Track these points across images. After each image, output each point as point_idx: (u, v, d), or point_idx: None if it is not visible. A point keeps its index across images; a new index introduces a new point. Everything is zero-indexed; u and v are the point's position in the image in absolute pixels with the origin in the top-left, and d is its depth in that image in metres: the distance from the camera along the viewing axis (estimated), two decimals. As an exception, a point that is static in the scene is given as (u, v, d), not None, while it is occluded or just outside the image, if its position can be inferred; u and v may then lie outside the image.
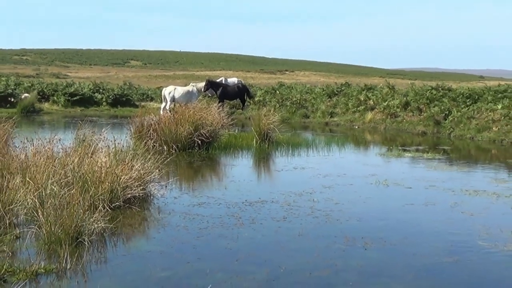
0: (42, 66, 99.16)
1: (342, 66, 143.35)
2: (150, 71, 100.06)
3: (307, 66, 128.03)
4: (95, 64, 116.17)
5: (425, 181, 12.87)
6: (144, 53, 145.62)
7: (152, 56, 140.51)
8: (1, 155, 10.51)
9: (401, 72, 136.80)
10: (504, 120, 21.56)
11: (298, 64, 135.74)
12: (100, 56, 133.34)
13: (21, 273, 6.62)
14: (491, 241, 8.37)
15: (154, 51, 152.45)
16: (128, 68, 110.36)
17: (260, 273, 6.98)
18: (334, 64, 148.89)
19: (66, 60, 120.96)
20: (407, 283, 6.79)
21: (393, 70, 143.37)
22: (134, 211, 9.61)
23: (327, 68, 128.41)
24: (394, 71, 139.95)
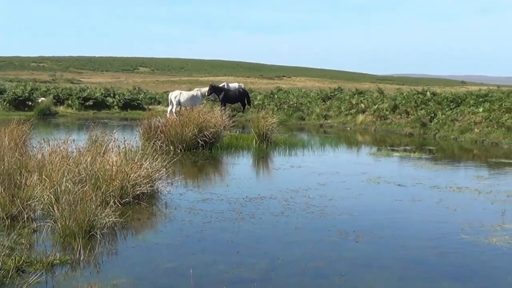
0: (58, 72, 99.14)
1: (335, 72, 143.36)
2: (158, 77, 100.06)
3: (303, 72, 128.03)
4: (106, 70, 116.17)
5: (412, 178, 12.87)
6: (152, 60, 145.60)
7: (159, 63, 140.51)
8: (19, 154, 10.52)
9: (389, 77, 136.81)
10: (485, 122, 21.58)
11: (294, 70, 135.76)
12: (111, 63, 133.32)
13: (38, 264, 6.62)
14: (473, 234, 8.37)
15: (161, 58, 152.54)
16: (137, 74, 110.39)
17: (259, 264, 6.98)
18: (327, 70, 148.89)
19: (80, 66, 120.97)
20: (395, 273, 6.79)
21: (382, 76, 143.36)
22: (143, 207, 9.61)
23: (322, 74, 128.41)
24: (383, 76, 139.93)
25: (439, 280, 6.60)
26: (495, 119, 21.22)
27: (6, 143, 11.31)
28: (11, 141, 11.69)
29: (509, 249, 7.76)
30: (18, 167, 9.52)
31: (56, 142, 10.81)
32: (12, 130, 12.57)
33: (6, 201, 8.39)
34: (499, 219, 9.26)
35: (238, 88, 29.04)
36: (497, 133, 20.35)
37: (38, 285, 6.03)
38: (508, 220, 9.19)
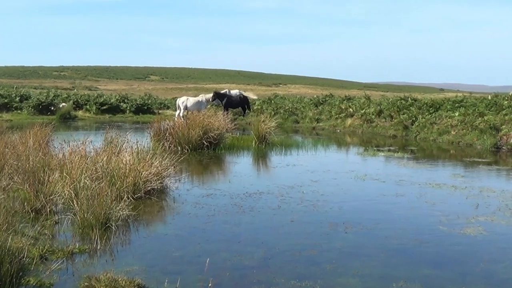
0: (77, 80, 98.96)
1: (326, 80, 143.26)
2: (167, 84, 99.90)
3: (297, 80, 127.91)
4: (121, 78, 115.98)
5: (395, 176, 12.88)
6: (161, 69, 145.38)
7: (168, 71, 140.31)
8: (43, 154, 10.53)
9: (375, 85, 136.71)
10: (461, 125, 21.59)
11: (290, 78, 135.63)
12: (125, 72, 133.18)
13: (59, 252, 6.63)
14: (450, 226, 8.39)
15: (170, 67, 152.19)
16: (148, 82, 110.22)
17: (258, 253, 6.99)
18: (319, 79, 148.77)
19: (97, 75, 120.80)
20: (380, 261, 6.80)
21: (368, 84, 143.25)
22: (153, 201, 9.61)
23: (314, 81, 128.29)
24: (369, 84, 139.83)
25: (419, 266, 6.62)
26: (469, 123, 21.23)
27: (31, 144, 11.33)
28: (35, 142, 11.71)
29: (482, 239, 7.78)
30: (42, 166, 9.52)
31: (76, 143, 10.80)
32: (36, 132, 12.58)
33: (31, 196, 8.40)
34: (473, 212, 9.28)
35: (239, 94, 29.01)
36: (471, 135, 20.36)
37: (60, 272, 6.04)
38: (481, 213, 9.21)
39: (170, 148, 15.59)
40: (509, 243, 7.65)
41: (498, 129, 19.74)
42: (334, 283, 6.00)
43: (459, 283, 6.03)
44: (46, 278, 5.77)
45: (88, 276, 5.74)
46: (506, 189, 11.38)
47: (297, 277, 6.08)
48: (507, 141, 18.78)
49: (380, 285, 5.98)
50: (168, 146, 15.96)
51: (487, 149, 18.61)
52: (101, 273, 5.76)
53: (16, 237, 6.16)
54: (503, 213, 9.27)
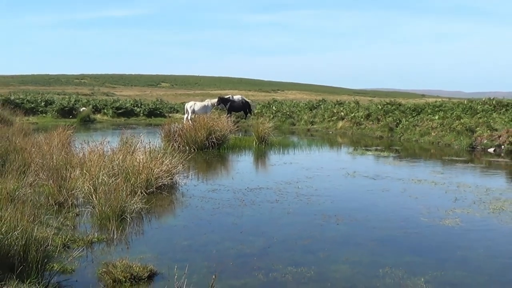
0: (96, 87, 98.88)
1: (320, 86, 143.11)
2: (176, 90, 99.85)
3: (294, 87, 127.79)
4: (135, 85, 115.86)
5: (382, 172, 12.88)
6: (171, 77, 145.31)
7: (178, 79, 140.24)
8: (65, 153, 10.55)
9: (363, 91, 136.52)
10: (440, 128, 21.58)
11: (287, 85, 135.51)
12: (138, 79, 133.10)
13: (80, 241, 6.64)
14: (431, 217, 8.39)
15: (179, 75, 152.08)
16: (160, 88, 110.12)
17: (258, 242, 6.99)
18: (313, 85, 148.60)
19: (113, 82, 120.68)
20: (368, 249, 6.80)
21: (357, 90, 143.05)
22: (164, 195, 9.62)
23: (309, 88, 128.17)
24: (358, 90, 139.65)
25: (403, 254, 6.62)
26: (448, 125, 21.22)
27: (54, 144, 11.34)
28: (59, 142, 11.72)
29: (459, 229, 7.78)
30: (64, 163, 9.53)
31: (94, 143, 10.81)
32: (59, 134, 12.58)
33: (54, 190, 8.41)
34: (451, 205, 9.28)
35: (241, 100, 28.99)
36: (449, 136, 20.35)
37: (80, 259, 6.05)
38: (458, 206, 9.21)
39: (179, 148, 15.59)
40: (483, 233, 7.65)
41: (473, 131, 19.76)
42: (327, 269, 6.00)
43: (438, 269, 6.03)
44: (68, 264, 5.77)
45: (105, 262, 5.75)
46: (480, 185, 11.37)
47: (294, 264, 6.08)
48: (481, 142, 18.79)
49: (368, 271, 5.98)
50: (177, 146, 15.96)
51: (463, 149, 18.61)
52: (117, 260, 5.76)
53: (42, 227, 6.16)
54: (478, 206, 9.27)
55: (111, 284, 5.38)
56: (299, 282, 5.59)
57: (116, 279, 5.42)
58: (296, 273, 5.82)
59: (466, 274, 5.96)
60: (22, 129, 16.63)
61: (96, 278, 5.55)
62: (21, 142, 11.99)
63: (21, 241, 5.10)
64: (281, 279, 5.65)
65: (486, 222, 8.21)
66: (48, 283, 5.07)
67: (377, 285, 5.55)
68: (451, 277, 5.82)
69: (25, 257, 5.06)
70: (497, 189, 10.88)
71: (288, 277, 5.71)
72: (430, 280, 5.68)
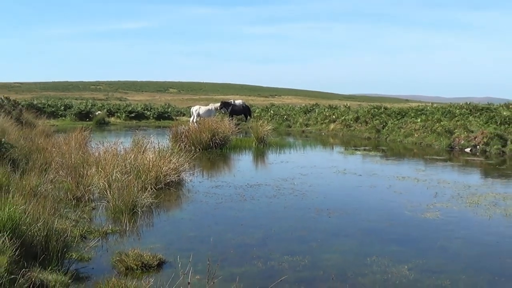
0: (110, 93, 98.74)
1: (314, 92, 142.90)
2: (183, 95, 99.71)
3: (290, 92, 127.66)
4: (145, 91, 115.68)
5: (369, 170, 12.89)
6: (178, 83, 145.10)
7: (184, 85, 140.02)
8: (82, 152, 10.56)
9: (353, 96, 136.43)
10: (422, 129, 21.59)
11: (283, 91, 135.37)
12: (148, 85, 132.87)
13: (96, 232, 6.65)
14: (413, 211, 8.40)
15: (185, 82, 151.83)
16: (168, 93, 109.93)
17: (257, 233, 7.00)
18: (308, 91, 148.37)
19: (126, 88, 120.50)
20: (357, 240, 6.81)
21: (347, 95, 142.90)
22: (172, 191, 9.63)
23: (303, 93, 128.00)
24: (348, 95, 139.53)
25: (388, 244, 6.63)
26: (429, 127, 21.23)
27: (73, 144, 11.36)
28: (76, 143, 11.73)
29: (439, 222, 7.79)
30: (81, 162, 9.55)
31: (109, 144, 10.83)
32: (77, 135, 12.60)
33: (73, 186, 8.43)
34: (432, 200, 9.29)
35: (242, 104, 28.98)
36: (430, 137, 20.36)
37: (96, 248, 6.06)
38: (438, 201, 9.22)
39: (185, 148, 15.56)
40: (460, 225, 7.66)
41: (452, 133, 19.75)
42: (319, 258, 6.01)
43: (420, 257, 6.04)
44: (85, 253, 5.79)
45: (119, 252, 5.76)
46: (458, 181, 11.39)
47: (290, 253, 6.09)
48: (459, 142, 18.80)
49: (357, 259, 5.99)
50: (184, 146, 15.93)
51: (443, 149, 18.62)
52: (129, 249, 5.77)
53: (61, 220, 6.17)
54: (456, 200, 9.28)
55: (124, 271, 5.39)
56: (295, 269, 5.60)
57: (128, 267, 5.44)
58: (292, 261, 5.84)
59: (445, 261, 5.97)
60: (44, 131, 16.67)
61: (110, 266, 5.56)
62: (43, 142, 12.01)
63: (43, 232, 5.11)
64: (278, 267, 5.66)
65: (463, 215, 8.23)
66: (67, 270, 5.08)
67: (365, 272, 5.56)
68: (432, 265, 5.84)
69: (47, 247, 5.07)
70: (473, 185, 10.90)
71: (285, 265, 5.72)
72: (413, 267, 5.70)
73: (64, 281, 4.72)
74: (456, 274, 5.56)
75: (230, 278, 5.17)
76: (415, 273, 5.52)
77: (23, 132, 14.42)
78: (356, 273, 5.53)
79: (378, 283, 5.24)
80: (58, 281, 4.64)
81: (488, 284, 5.31)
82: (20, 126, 16.30)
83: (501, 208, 8.70)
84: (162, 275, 5.30)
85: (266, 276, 5.35)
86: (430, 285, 5.22)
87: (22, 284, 4.09)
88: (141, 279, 5.07)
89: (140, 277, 5.20)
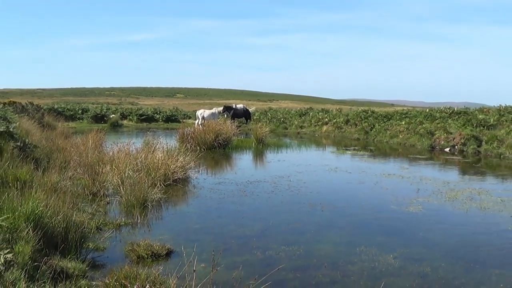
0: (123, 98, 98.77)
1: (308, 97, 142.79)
2: (189, 100, 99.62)
3: (286, 97, 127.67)
4: (154, 96, 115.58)
5: (359, 168, 12.91)
6: (185, 89, 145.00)
7: (190, 91, 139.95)
8: (98, 152, 10.56)
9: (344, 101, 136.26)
10: (406, 131, 21.61)
11: (281, 96, 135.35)
12: (158, 91, 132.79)
13: (110, 224, 6.66)
14: (398, 205, 8.42)
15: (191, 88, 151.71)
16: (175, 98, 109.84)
17: (257, 225, 7.01)
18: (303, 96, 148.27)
19: (137, 93, 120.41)
20: (347, 231, 6.83)
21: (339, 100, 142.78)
22: (179, 187, 9.63)
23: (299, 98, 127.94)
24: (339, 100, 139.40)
25: (376, 235, 6.64)
26: (413, 129, 21.26)
27: (89, 145, 11.37)
28: (93, 143, 11.74)
29: (421, 214, 7.81)
30: (97, 161, 9.55)
31: (122, 144, 10.83)
32: (93, 136, 12.60)
33: (89, 183, 8.43)
34: (415, 195, 9.31)
35: (243, 108, 28.97)
36: (413, 138, 20.39)
37: (110, 239, 6.07)
38: (420, 196, 9.24)
39: (191, 148, 15.57)
40: (440, 218, 7.68)
41: (433, 134, 19.79)
42: (313, 248, 6.03)
43: (404, 247, 6.06)
44: (100, 243, 5.80)
45: (131, 242, 5.77)
46: (438, 178, 11.41)
47: (286, 243, 6.11)
48: (439, 143, 18.84)
49: (347, 249, 6.01)
50: (190, 146, 15.91)
51: (425, 149, 18.65)
52: (140, 240, 5.78)
53: (79, 213, 6.18)
54: (436, 195, 9.30)
55: (136, 259, 5.40)
56: (290, 258, 5.61)
57: (139, 256, 5.45)
58: (288, 251, 5.85)
59: (426, 251, 5.99)
60: (63, 133, 16.67)
61: (123, 255, 5.57)
62: (62, 143, 12.02)
63: (63, 224, 5.12)
64: (275, 256, 5.67)
65: (442, 209, 8.25)
66: (84, 258, 5.10)
67: (355, 260, 5.58)
68: (415, 254, 5.86)
69: (66, 237, 5.09)
70: (451, 182, 10.92)
71: (282, 254, 5.73)
72: (398, 256, 5.72)
73: (82, 268, 4.74)
74: (436, 261, 5.58)
75: (232, 266, 5.18)
76: (400, 261, 5.54)
77: (45, 133, 14.43)
78: (347, 261, 5.55)
79: (366, 271, 5.26)
80: (77, 268, 4.65)
81: (464, 271, 5.33)
82: (42, 128, 16.31)
83: (477, 202, 8.73)
84: (170, 263, 5.31)
85: (265, 264, 5.36)
86: (413, 272, 5.24)
87: (44, 271, 4.10)
88: (151, 267, 5.08)
89: (150, 265, 5.21)
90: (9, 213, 4.57)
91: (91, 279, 4.65)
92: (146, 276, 4.24)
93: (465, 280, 5.05)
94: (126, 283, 3.99)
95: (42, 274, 4.06)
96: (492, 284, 4.99)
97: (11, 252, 3.86)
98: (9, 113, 10.57)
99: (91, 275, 4.80)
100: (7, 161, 6.50)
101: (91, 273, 4.91)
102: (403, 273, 5.21)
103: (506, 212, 8.00)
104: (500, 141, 17.02)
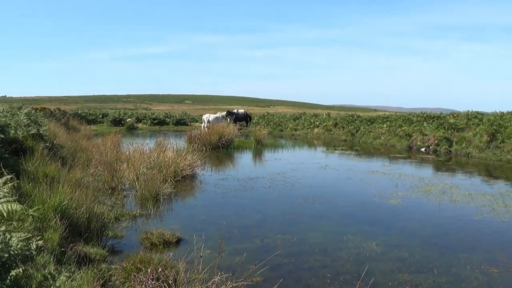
0: (138, 103, 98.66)
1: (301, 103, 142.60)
2: (196, 106, 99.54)
3: (282, 103, 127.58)
4: (165, 102, 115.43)
5: (346, 166, 12.92)
6: (192, 96, 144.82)
7: (198, 97, 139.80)
8: (116, 151, 10.56)
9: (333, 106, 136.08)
10: (387, 133, 21.65)
11: (277, 102, 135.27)
12: (168, 97, 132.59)
13: (127, 215, 6.66)
14: (380, 198, 8.44)
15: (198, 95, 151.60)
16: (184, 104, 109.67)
17: (256, 217, 7.02)
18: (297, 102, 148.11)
19: (151, 100, 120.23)
20: (336, 221, 6.84)
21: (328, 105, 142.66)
22: (187, 183, 9.64)
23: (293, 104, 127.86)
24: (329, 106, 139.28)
25: (361, 224, 6.66)
26: (393, 131, 21.30)
27: (108, 145, 11.37)
28: (111, 144, 11.74)
29: (400, 206, 7.82)
30: (115, 159, 9.56)
31: (137, 145, 10.84)
32: (112, 138, 12.61)
33: (108, 179, 8.44)
34: (395, 189, 9.33)
35: (244, 112, 28.97)
36: (394, 139, 20.42)
37: (127, 228, 6.08)
38: (400, 190, 9.25)
39: (198, 148, 15.59)
40: (417, 209, 7.70)
41: (410, 136, 19.84)
42: (306, 236, 6.04)
43: (385, 235, 6.08)
44: (118, 232, 5.81)
45: (145, 231, 5.78)
46: (415, 174, 11.44)
47: (282, 233, 6.12)
48: (416, 143, 18.89)
49: (336, 237, 6.02)
50: (197, 146, 15.95)
51: (403, 149, 18.68)
52: (153, 229, 5.79)
53: (100, 205, 6.20)
54: (413, 190, 9.32)
55: (149, 246, 5.41)
56: (286, 245, 5.63)
57: (153, 243, 5.46)
58: (284, 239, 5.86)
59: (404, 238, 6.01)
60: (86, 135, 16.67)
61: (138, 242, 5.58)
62: (85, 143, 12.03)
63: (86, 214, 5.14)
64: (273, 244, 5.69)
65: (418, 201, 8.27)
66: (105, 245, 5.12)
67: (342, 247, 5.60)
68: (395, 241, 5.88)
69: (89, 226, 5.11)
70: (426, 177, 10.95)
71: (278, 242, 5.75)
72: (380, 243, 5.74)
73: (102, 254, 4.76)
74: (413, 248, 5.60)
75: (234, 252, 5.20)
76: (381, 248, 5.56)
77: (70, 135, 14.43)
78: (335, 248, 5.57)
79: (353, 256, 5.28)
80: (98, 254, 4.68)
81: (437, 255, 5.36)
82: (67, 131, 16.30)
83: (448, 195, 8.75)
84: (179, 249, 5.32)
85: (263, 251, 5.37)
86: (393, 257, 5.26)
87: (70, 255, 4.12)
88: (163, 252, 5.10)
89: (162, 251, 5.22)
90: (40, 204, 4.59)
91: (110, 263, 4.67)
92: (159, 260, 4.25)
93: (438, 263, 5.08)
94: (141, 266, 4.01)
95: (68, 258, 4.08)
96: (461, 266, 5.02)
97: (42, 239, 3.88)
98: (39, 118, 10.59)
99: (111, 260, 4.81)
100: (37, 159, 6.52)
101: (111, 257, 4.92)
102: (384, 258, 5.23)
103: (473, 204, 8.03)
104: (468, 142, 17.09)
